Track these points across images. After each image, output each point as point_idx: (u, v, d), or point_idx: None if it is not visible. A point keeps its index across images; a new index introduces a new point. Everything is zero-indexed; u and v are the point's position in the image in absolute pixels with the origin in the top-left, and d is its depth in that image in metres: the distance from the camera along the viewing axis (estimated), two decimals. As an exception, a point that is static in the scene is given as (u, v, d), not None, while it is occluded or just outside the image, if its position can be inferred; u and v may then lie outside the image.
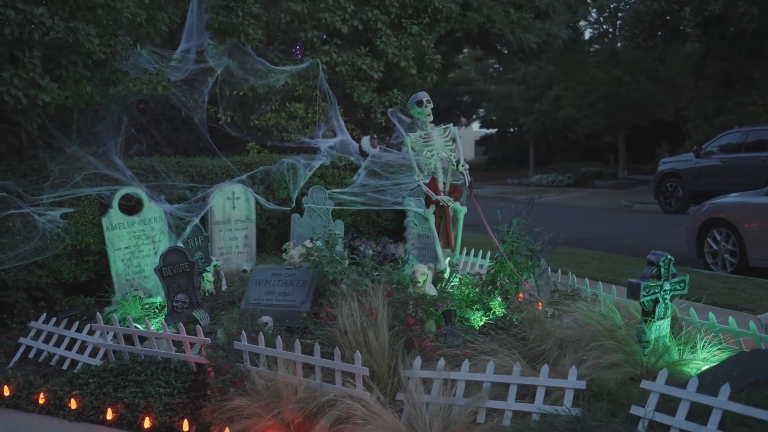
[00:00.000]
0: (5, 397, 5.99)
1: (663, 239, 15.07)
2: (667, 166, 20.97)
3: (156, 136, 9.51)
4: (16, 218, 7.06)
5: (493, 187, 35.96)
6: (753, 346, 5.33)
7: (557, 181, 34.21)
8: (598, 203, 25.94)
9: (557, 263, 12.13)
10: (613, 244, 14.81)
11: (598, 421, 4.09)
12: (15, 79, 6.36)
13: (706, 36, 25.36)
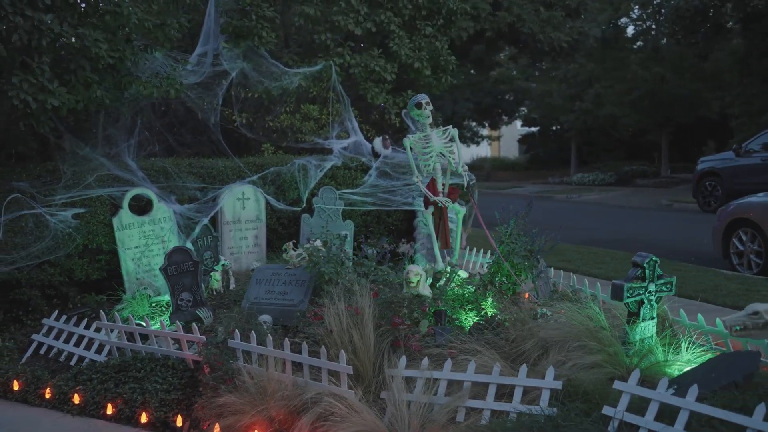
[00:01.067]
0: (14, 391, 6.21)
1: (694, 239, 14.94)
2: (706, 164, 20.54)
3: (169, 138, 9.71)
4: (28, 218, 7.28)
5: (533, 186, 35.76)
6: (741, 347, 5.30)
7: (598, 180, 33.87)
8: (637, 202, 25.63)
9: (577, 262, 12.16)
10: (643, 244, 14.70)
11: (568, 421, 4.13)
12: (24, 84, 6.57)
13: (748, 32, 24.89)
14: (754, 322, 3.91)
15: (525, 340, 5.15)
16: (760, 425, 3.65)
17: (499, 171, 44.70)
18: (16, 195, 7.32)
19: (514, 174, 43.20)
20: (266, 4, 10.13)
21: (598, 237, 16.32)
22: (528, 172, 43.21)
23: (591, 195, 29.08)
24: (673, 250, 14.00)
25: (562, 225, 7.47)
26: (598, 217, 21.65)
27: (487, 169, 45.49)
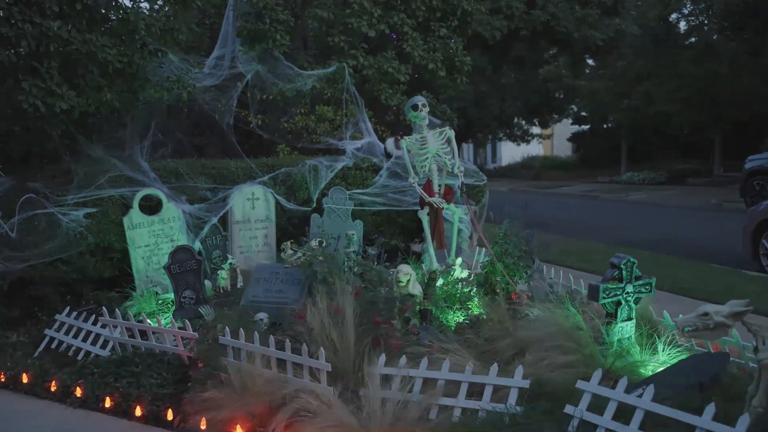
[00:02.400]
0: (23, 384, 6.45)
1: (730, 240, 14.72)
2: (754, 163, 19.99)
3: (182, 140, 9.94)
4: (41, 218, 7.56)
5: (581, 185, 35.38)
6: (719, 349, 5.29)
7: (648, 179, 33.23)
8: (685, 202, 25.17)
9: (598, 263, 12.10)
10: (675, 245, 14.62)
11: (531, 419, 4.18)
12: (34, 88, 6.83)
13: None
14: (704, 323, 3.91)
15: (502, 340, 5.21)
16: (709, 425, 3.67)
17: (549, 170, 44.00)
18: (30, 195, 7.59)
19: (564, 173, 42.55)
20: (280, 8, 10.30)
21: (633, 237, 16.19)
22: (578, 171, 42.52)
23: (639, 195, 28.65)
24: (707, 250, 13.86)
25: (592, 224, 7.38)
26: (640, 217, 21.40)
27: (537, 168, 44.89)
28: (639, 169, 36.11)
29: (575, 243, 15.26)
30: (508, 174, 46.78)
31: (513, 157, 54.18)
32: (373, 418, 4.62)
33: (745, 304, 3.90)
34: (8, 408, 6.04)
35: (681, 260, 12.64)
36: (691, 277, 10.82)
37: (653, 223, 19.46)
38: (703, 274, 11.12)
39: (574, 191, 32.47)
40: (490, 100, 41.11)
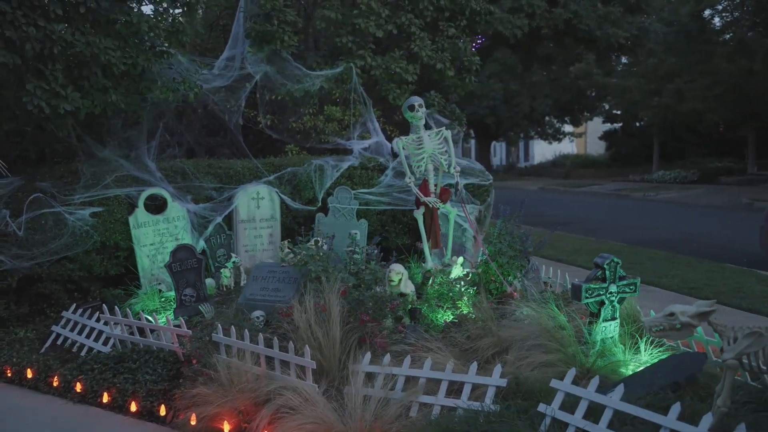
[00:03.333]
0: (27, 379, 6.61)
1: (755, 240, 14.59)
2: None
3: (190, 140, 10.09)
4: (48, 216, 7.72)
5: (612, 184, 35.08)
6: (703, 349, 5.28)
7: (680, 178, 32.93)
8: (716, 201, 24.89)
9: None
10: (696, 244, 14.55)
11: (501, 417, 4.23)
12: (38, 90, 6.99)
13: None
14: (670, 323, 3.92)
15: (484, 339, 5.25)
16: (674, 424, 3.69)
17: (580, 168, 43.58)
18: (37, 195, 7.77)
19: (595, 172, 42.15)
20: (289, 9, 10.41)
21: (654, 237, 16.11)
22: (609, 169, 42.06)
23: (669, 193, 28.38)
24: (728, 250, 13.76)
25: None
26: (667, 216, 21.23)
27: (568, 166, 44.50)
28: (671, 167, 35.65)
29: (592, 242, 15.21)
30: (540, 172, 46.47)
31: (545, 155, 53.87)
32: (353, 415, 4.69)
33: (710, 305, 3.91)
34: (12, 403, 6.19)
35: (696, 260, 12.56)
36: (701, 277, 10.75)
37: (679, 222, 19.31)
38: (714, 274, 11.04)
39: (603, 190, 32.20)
40: (520, 98, 40.92)
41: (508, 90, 40.98)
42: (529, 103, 41.21)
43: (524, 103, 41.01)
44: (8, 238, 7.55)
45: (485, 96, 40.63)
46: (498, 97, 41.04)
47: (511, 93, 41.15)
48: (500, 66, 40.19)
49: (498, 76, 41.02)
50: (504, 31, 23.97)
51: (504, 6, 25.52)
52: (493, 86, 40.68)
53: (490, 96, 40.83)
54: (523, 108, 41.20)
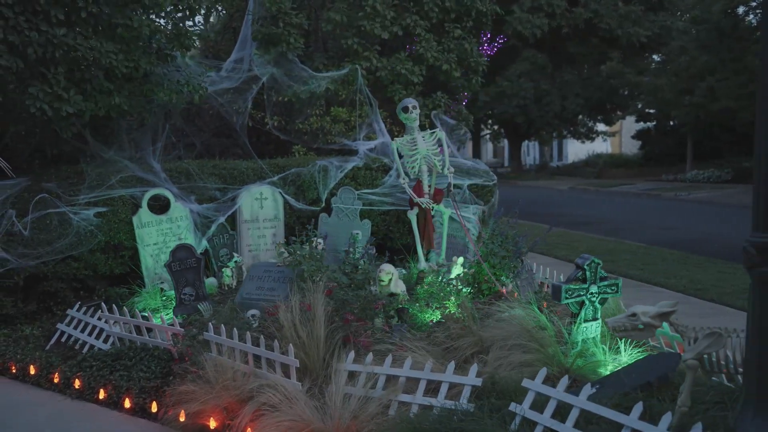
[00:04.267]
0: (30, 375, 6.77)
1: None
2: None
3: (196, 141, 10.23)
4: (53, 216, 7.90)
5: (643, 184, 34.70)
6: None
7: (714, 177, 32.46)
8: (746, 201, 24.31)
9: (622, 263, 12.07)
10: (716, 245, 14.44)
11: (473, 416, 4.27)
12: (41, 93, 7.15)
13: None
14: (632, 324, 3.94)
15: (465, 339, 5.29)
16: (635, 423, 3.72)
17: (612, 168, 42.91)
18: (43, 195, 7.95)
19: (627, 171, 41.49)
20: (294, 12, 10.51)
21: (675, 237, 15.99)
22: (642, 168, 41.37)
23: (700, 193, 28.02)
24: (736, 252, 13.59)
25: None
26: (695, 216, 21.01)
27: (600, 166, 43.94)
28: (705, 166, 35.05)
29: (609, 243, 15.15)
30: (572, 172, 46.01)
31: (578, 154, 53.41)
32: (333, 413, 4.75)
33: (671, 305, 3.93)
34: (13, 398, 6.34)
35: (710, 261, 12.46)
36: (710, 278, 10.68)
37: (705, 222, 19.13)
38: (725, 275, 10.96)
39: (634, 190, 31.82)
40: (551, 97, 40.66)
41: (538, 89, 40.72)
42: (559, 102, 40.94)
43: (555, 102, 40.75)
44: (14, 238, 7.73)
45: (515, 95, 40.46)
46: (528, 96, 40.85)
47: (541, 92, 40.90)
48: (530, 65, 40.00)
49: (528, 75, 40.83)
50: (523, 31, 23.93)
51: (524, 6, 25.44)
52: (524, 85, 40.48)
53: (521, 95, 40.65)
54: (554, 107, 40.94)
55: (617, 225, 18.96)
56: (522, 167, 51.28)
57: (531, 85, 41.04)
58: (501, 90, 40.06)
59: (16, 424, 5.71)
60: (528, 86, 40.86)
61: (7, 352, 7.19)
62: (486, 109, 42.76)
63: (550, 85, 40.35)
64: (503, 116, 43.17)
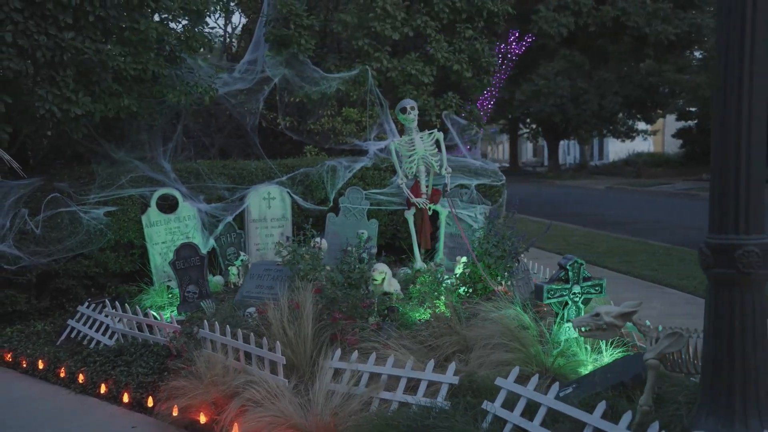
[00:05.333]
0: (39, 370, 6.98)
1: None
2: None
3: (205, 142, 10.41)
4: (64, 215, 8.11)
5: (682, 183, 34.20)
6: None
7: None
8: None
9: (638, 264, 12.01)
10: None
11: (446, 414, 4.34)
12: (50, 95, 7.36)
13: None
14: (596, 323, 3.98)
15: (447, 337, 5.36)
16: (597, 422, 3.76)
17: (652, 167, 42.07)
18: (55, 194, 8.17)
19: (667, 170, 40.64)
20: (306, 13, 10.64)
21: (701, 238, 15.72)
22: (682, 168, 40.53)
23: (737, 192, 27.52)
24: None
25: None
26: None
27: (639, 165, 43.22)
28: (748, 165, 34.36)
29: (630, 243, 15.03)
30: (611, 171, 45.34)
31: (618, 154, 52.75)
32: (315, 409, 4.85)
33: (634, 305, 3.96)
34: (20, 392, 6.54)
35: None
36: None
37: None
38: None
39: (672, 189, 31.33)
40: (588, 95, 40.29)
41: (575, 88, 40.35)
42: (597, 100, 40.53)
43: (592, 100, 40.36)
44: (27, 236, 7.96)
45: (552, 94, 40.13)
46: (565, 95, 40.51)
47: (578, 91, 40.51)
48: (567, 63, 39.64)
49: (566, 73, 40.47)
50: (549, 30, 23.83)
51: (550, 4, 25.34)
52: (560, 84, 40.12)
53: (557, 94, 40.30)
54: (591, 106, 40.53)
55: (647, 225, 18.75)
56: (560, 166, 50.85)
57: (568, 84, 40.66)
58: (537, 89, 39.81)
59: (18, 417, 5.89)
60: (565, 85, 40.48)
61: (18, 346, 7.42)
62: (522, 108, 42.53)
63: (588, 83, 39.90)
64: (540, 115, 42.87)
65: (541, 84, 40.17)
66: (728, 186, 3.37)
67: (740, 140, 3.33)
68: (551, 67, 39.77)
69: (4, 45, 7.06)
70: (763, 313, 3.41)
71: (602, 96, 40.40)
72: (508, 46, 20.24)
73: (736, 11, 3.31)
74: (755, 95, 3.31)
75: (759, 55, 3.31)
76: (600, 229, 17.80)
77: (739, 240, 3.35)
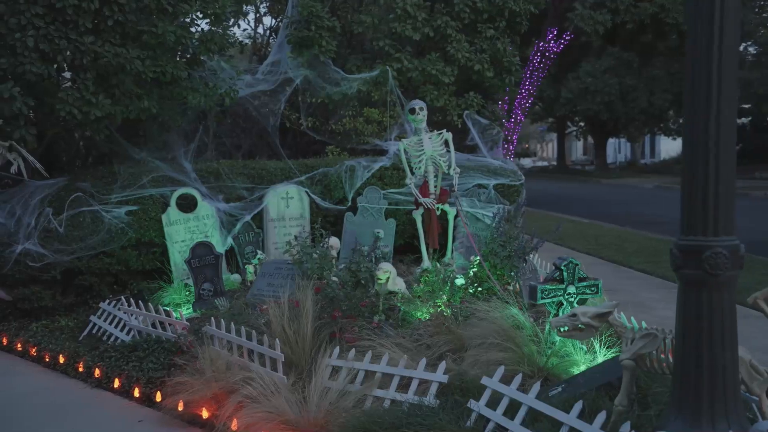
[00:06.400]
0: (59, 364, 7.21)
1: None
2: None
3: (226, 142, 10.59)
4: (86, 214, 8.35)
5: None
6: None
7: None
8: None
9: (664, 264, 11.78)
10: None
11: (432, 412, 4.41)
12: (70, 98, 7.59)
13: None
14: (573, 324, 3.99)
15: (442, 336, 5.42)
16: (573, 421, 3.79)
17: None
18: (78, 194, 8.41)
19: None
20: (327, 15, 10.76)
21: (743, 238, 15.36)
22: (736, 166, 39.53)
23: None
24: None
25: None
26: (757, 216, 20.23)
27: None
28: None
29: (659, 243, 14.84)
30: (662, 170, 44.51)
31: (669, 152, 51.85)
32: (308, 406, 4.95)
33: (610, 306, 3.96)
34: (40, 384, 6.77)
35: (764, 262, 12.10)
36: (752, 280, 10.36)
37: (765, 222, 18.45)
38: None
39: None
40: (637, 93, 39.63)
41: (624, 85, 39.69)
42: (646, 98, 39.83)
43: (641, 98, 39.67)
44: (51, 234, 8.21)
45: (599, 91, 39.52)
46: (613, 92, 39.91)
47: (627, 88, 39.84)
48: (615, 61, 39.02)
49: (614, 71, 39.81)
50: (585, 28, 23.57)
51: (586, 2, 25.07)
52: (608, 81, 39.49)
53: (605, 91, 39.67)
54: (640, 103, 39.83)
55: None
56: (607, 165, 50.12)
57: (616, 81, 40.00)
58: (585, 86, 39.29)
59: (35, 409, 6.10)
60: (613, 82, 39.83)
61: (42, 341, 7.65)
62: (569, 106, 42.04)
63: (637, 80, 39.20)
64: (587, 113, 42.31)
65: (588, 81, 39.60)
66: (697, 188, 3.37)
67: (709, 142, 3.33)
68: (599, 64, 39.19)
69: (26, 49, 7.30)
70: (731, 315, 3.41)
71: (651, 93, 39.69)
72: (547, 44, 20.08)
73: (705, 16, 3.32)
74: (723, 97, 3.30)
75: (726, 60, 3.31)
76: (638, 229, 17.57)
77: (707, 241, 3.35)
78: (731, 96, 3.34)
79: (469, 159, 10.04)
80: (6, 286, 8.29)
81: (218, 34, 8.78)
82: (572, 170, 53.33)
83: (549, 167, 58.32)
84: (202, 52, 8.78)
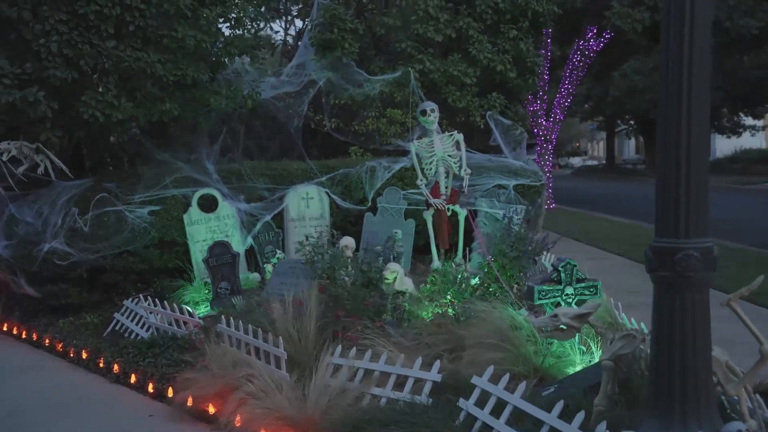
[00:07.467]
0: (82, 359, 7.44)
1: None
2: None
3: (250, 144, 10.76)
4: (110, 214, 8.59)
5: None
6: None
7: None
8: None
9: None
10: None
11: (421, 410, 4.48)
12: (93, 101, 7.82)
13: None
14: (554, 324, 4.02)
15: (440, 336, 5.48)
16: (553, 421, 3.83)
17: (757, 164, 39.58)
18: (103, 194, 8.66)
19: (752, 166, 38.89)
20: (350, 18, 10.87)
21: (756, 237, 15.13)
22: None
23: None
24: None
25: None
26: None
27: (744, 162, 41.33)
28: None
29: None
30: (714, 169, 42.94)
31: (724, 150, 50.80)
32: (308, 403, 5.06)
33: (590, 307, 3.99)
34: (63, 379, 7.00)
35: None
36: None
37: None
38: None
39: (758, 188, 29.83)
40: (686, 91, 38.60)
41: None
42: (697, 95, 38.76)
43: (692, 96, 38.63)
44: (76, 233, 8.47)
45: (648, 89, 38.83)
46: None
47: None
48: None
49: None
50: (623, 26, 23.31)
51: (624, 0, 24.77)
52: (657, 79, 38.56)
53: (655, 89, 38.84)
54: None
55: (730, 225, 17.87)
56: (653, 164, 49.08)
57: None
58: (633, 84, 38.69)
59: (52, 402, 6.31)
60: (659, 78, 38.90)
61: (68, 337, 7.89)
62: (618, 104, 41.46)
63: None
64: (636, 112, 41.64)
65: (636, 79, 38.94)
66: (670, 190, 3.39)
67: (681, 145, 3.34)
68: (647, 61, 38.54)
69: (50, 54, 7.55)
70: (704, 316, 3.42)
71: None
72: (586, 43, 19.93)
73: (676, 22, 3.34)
74: (694, 100, 3.32)
75: (697, 60, 3.32)
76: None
77: (679, 243, 3.36)
78: (703, 96, 3.35)
79: (490, 159, 10.07)
80: (35, 284, 8.57)
81: (239, 38, 8.94)
82: (622, 169, 52.56)
83: (598, 166, 57.68)
84: (223, 55, 8.96)
